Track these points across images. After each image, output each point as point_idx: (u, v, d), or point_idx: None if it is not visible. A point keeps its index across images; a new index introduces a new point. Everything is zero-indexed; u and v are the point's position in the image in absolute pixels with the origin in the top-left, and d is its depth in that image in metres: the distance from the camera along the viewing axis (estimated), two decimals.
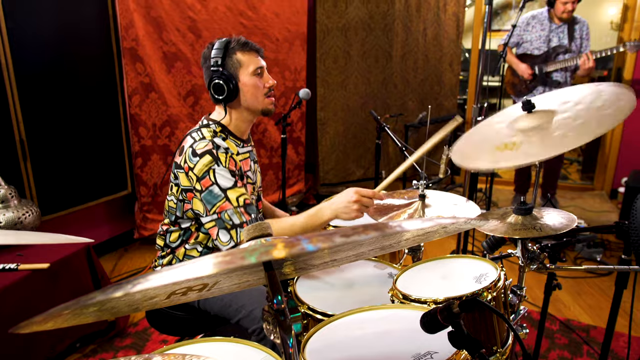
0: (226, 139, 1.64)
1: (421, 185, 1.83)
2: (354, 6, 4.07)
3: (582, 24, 3.67)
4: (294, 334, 0.70)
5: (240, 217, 1.53)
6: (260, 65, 1.63)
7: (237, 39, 1.62)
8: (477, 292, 1.25)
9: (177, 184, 1.61)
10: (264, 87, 1.65)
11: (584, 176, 5.15)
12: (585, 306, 2.87)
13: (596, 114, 1.26)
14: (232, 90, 1.59)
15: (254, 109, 1.66)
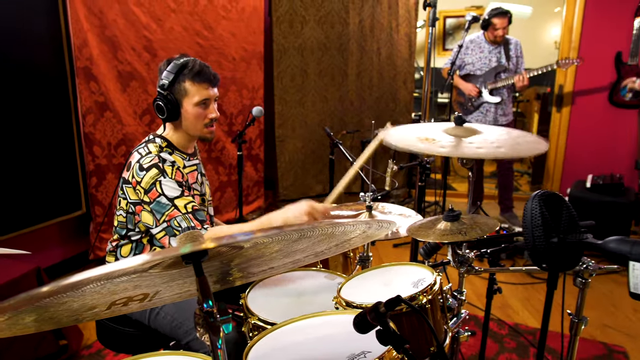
0: (172, 154, 1.68)
1: (368, 197, 1.91)
2: (310, 27, 4.19)
3: (515, 44, 3.94)
4: (222, 335, 0.75)
5: (189, 223, 1.56)
6: (206, 98, 1.67)
7: (192, 66, 1.66)
8: (413, 295, 1.33)
9: (125, 198, 1.64)
10: (205, 118, 1.69)
11: (534, 187, 5.41)
12: (533, 310, 3.01)
13: (512, 143, 1.36)
14: (172, 114, 1.64)
15: (192, 134, 1.72)
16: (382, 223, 0.88)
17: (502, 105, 4.01)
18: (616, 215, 3.64)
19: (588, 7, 4.46)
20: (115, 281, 0.78)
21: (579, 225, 0.76)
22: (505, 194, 4.29)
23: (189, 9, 3.51)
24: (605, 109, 4.56)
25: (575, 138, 4.75)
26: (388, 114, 4.73)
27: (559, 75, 4.66)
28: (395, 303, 0.94)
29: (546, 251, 0.73)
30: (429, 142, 1.38)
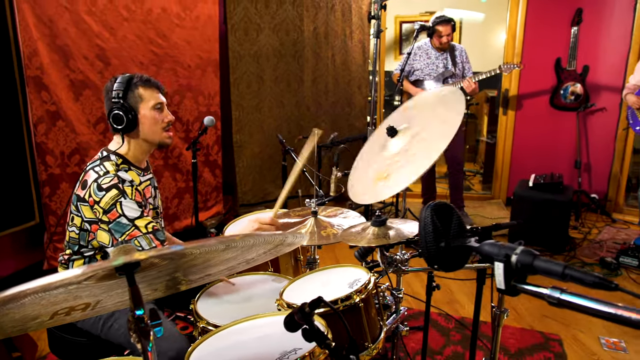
0: (129, 170, 1.72)
1: (313, 203, 2.02)
2: (265, 34, 4.27)
3: (460, 50, 4.14)
4: (152, 338, 0.83)
5: (149, 243, 1.60)
6: (160, 101, 1.75)
7: (140, 75, 1.74)
8: (348, 295, 1.44)
9: (79, 215, 1.65)
10: (162, 122, 1.76)
11: (485, 186, 5.66)
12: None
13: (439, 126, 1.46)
14: (131, 122, 1.68)
15: (151, 141, 1.77)
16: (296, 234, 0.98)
17: None
18: (556, 212, 3.87)
19: (529, 16, 4.73)
20: (52, 293, 0.85)
21: (465, 231, 0.88)
22: (456, 194, 4.48)
23: (142, 18, 3.52)
24: (547, 111, 4.84)
25: (520, 139, 5.01)
26: (344, 118, 4.86)
27: (504, 79, 4.91)
28: (317, 303, 1.04)
29: (436, 254, 0.84)
30: (384, 179, 1.46)
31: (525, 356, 2.64)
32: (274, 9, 4.29)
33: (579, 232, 4.32)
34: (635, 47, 4.44)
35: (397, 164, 1.40)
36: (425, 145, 1.39)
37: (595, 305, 0.64)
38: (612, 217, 4.63)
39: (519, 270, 0.73)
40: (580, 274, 0.67)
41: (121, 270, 0.85)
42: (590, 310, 0.64)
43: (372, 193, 1.38)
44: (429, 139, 1.40)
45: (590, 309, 0.64)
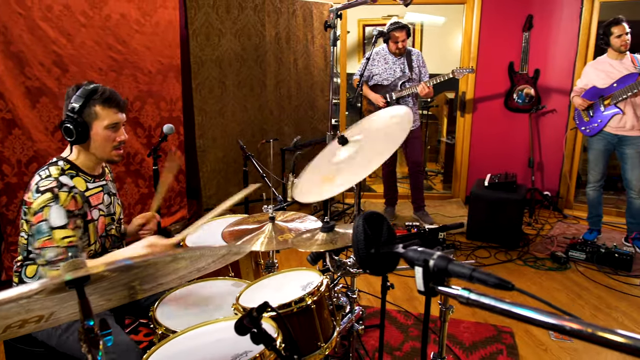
0: (76, 176, 1.74)
1: (270, 209, 2.08)
2: (227, 39, 4.30)
3: (417, 55, 4.28)
4: (102, 348, 0.88)
5: (56, 256, 1.60)
6: (116, 122, 1.77)
7: (102, 91, 1.74)
8: (301, 297, 1.51)
9: (26, 220, 1.67)
10: (114, 141, 1.79)
11: (445, 186, 5.84)
12: (436, 301, 3.31)
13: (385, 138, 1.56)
14: (81, 136, 1.71)
15: (99, 157, 1.80)
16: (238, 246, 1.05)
17: None
18: (510, 210, 4.06)
19: (483, 21, 4.92)
20: (3, 308, 0.88)
21: (395, 238, 0.96)
22: (416, 194, 4.62)
23: (100, 24, 3.50)
24: (502, 113, 5.05)
25: (478, 140, 5.20)
26: (307, 121, 4.93)
27: (461, 82, 5.09)
28: (264, 308, 1.10)
29: (367, 259, 0.92)
30: (330, 181, 1.54)
31: (479, 349, 2.77)
32: (236, 14, 4.33)
33: (532, 228, 4.53)
34: (582, 51, 4.68)
35: (342, 170, 1.49)
36: (367, 157, 1.48)
37: (496, 303, 0.73)
38: (563, 214, 4.87)
39: (436, 274, 0.82)
40: (485, 276, 0.76)
41: (71, 284, 0.89)
42: (492, 308, 0.73)
43: (316, 193, 1.46)
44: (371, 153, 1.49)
45: (493, 307, 0.73)
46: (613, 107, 3.72)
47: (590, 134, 3.92)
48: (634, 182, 3.79)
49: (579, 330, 0.62)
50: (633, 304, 3.24)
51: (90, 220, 1.77)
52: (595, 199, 4.10)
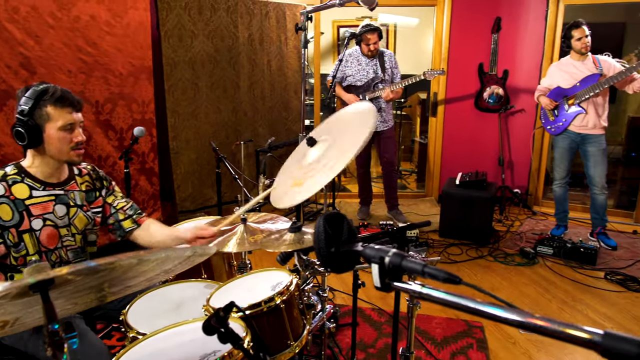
0: (20, 182, 1.70)
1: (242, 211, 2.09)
2: (199, 41, 4.29)
3: (389, 56, 4.35)
4: (67, 350, 0.89)
5: None
6: (71, 122, 1.70)
7: (54, 91, 1.68)
8: (271, 296, 1.54)
9: None
10: (71, 142, 1.72)
11: (419, 185, 5.93)
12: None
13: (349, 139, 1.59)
14: (33, 140, 1.65)
15: (57, 159, 1.74)
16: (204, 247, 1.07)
17: (382, 113, 4.40)
18: (480, 208, 4.16)
19: (454, 23, 5.02)
20: None
21: (355, 237, 1.00)
22: (390, 193, 4.69)
23: (69, 25, 3.45)
24: (473, 113, 5.16)
25: (449, 139, 5.31)
26: (281, 122, 4.95)
27: (433, 83, 5.18)
28: (230, 308, 1.13)
29: (327, 258, 0.95)
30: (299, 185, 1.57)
31: (450, 343, 2.84)
32: (208, 15, 4.32)
33: (503, 225, 4.65)
34: (548, 53, 4.82)
35: (311, 173, 1.52)
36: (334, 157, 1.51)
37: (445, 296, 0.77)
38: (532, 210, 5.01)
39: (391, 270, 0.85)
40: (435, 271, 0.80)
41: (35, 288, 0.90)
42: (442, 301, 0.77)
43: (289, 197, 1.49)
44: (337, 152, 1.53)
45: (442, 300, 0.77)
46: (576, 106, 3.85)
47: (555, 133, 4.05)
48: (597, 178, 3.93)
49: (517, 320, 0.66)
50: (597, 296, 3.37)
51: (27, 230, 1.70)
52: (561, 196, 4.23)
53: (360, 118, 1.64)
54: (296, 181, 1.53)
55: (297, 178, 1.55)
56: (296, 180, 1.53)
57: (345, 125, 1.68)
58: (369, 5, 2.19)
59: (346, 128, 1.66)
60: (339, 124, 1.79)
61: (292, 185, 1.52)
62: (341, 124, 1.76)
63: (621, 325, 3.00)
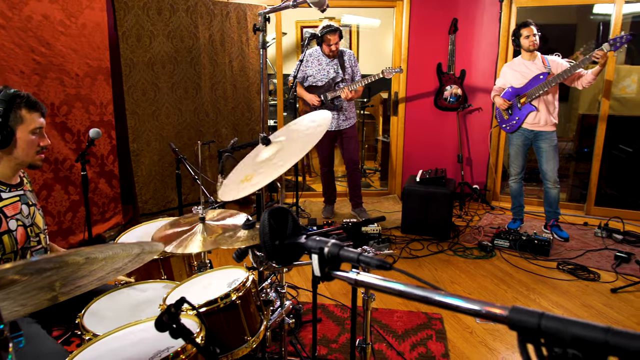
0: None
1: (200, 209, 2.10)
2: (159, 41, 4.25)
3: (349, 55, 4.42)
4: (12, 351, 0.89)
5: None
6: (40, 126, 1.77)
7: (27, 96, 1.74)
8: (227, 293, 1.56)
9: None
10: (37, 146, 1.79)
11: (383, 183, 6.04)
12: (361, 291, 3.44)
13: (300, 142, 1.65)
14: (4, 142, 1.69)
15: (22, 162, 1.79)
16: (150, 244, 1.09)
17: (344, 112, 4.46)
18: (440, 204, 4.28)
19: (412, 24, 5.14)
20: None
21: (300, 230, 1.04)
22: (354, 191, 4.76)
23: (20, 25, 3.37)
24: (432, 112, 5.30)
25: (410, 138, 5.43)
26: (244, 123, 4.96)
27: (393, 82, 5.29)
28: (181, 304, 1.15)
29: (272, 251, 0.99)
30: (247, 181, 1.60)
31: (410, 336, 2.92)
32: (167, 15, 4.28)
33: (462, 220, 4.79)
34: (502, 53, 5.00)
35: (261, 170, 1.55)
36: (284, 157, 1.55)
37: (376, 281, 0.82)
38: (491, 205, 5.18)
39: (330, 260, 0.90)
40: (369, 259, 0.85)
41: None
42: (374, 286, 0.82)
43: (235, 191, 1.52)
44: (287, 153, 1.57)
45: (374, 285, 0.82)
46: (528, 105, 4.01)
47: (510, 131, 4.21)
48: (549, 173, 4.11)
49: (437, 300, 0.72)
50: (550, 285, 3.53)
51: (6, 231, 1.73)
52: (517, 191, 4.40)
53: (314, 128, 1.69)
54: (246, 176, 1.56)
55: (247, 174, 1.58)
56: (246, 175, 1.57)
57: (300, 132, 1.73)
58: (319, 7, 2.23)
59: (299, 134, 1.70)
60: (296, 129, 1.83)
61: (242, 180, 1.55)
62: (297, 129, 1.81)
63: (571, 312, 3.16)
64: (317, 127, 1.73)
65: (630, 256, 3.87)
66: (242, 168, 1.75)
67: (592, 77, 3.81)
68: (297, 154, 1.50)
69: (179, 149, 4.04)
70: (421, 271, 3.76)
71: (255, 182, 1.48)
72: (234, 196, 1.49)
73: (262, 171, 1.53)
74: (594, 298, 3.34)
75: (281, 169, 1.44)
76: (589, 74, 3.82)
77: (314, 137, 1.57)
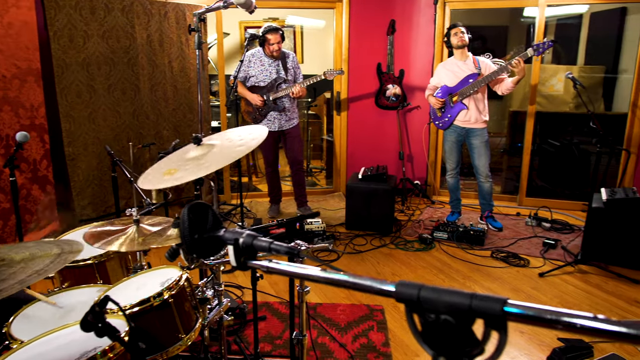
0: None
1: (134, 211, 2.09)
2: (93, 41, 4.13)
3: (292, 57, 4.48)
4: None
5: None
6: None
7: None
8: (159, 292, 1.57)
9: None
10: None
11: (328, 181, 6.14)
12: (316, 288, 3.51)
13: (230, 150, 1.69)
14: None
15: None
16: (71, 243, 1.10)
17: (287, 112, 4.51)
18: (382, 199, 4.41)
19: (352, 26, 5.26)
20: None
21: (220, 224, 1.07)
22: (299, 190, 4.82)
23: None
24: (374, 111, 5.44)
25: (354, 136, 5.56)
26: (186, 124, 4.90)
27: (335, 83, 5.39)
28: (105, 302, 1.16)
29: (192, 244, 1.02)
30: (171, 174, 1.61)
31: (353, 328, 3.01)
32: (102, 15, 4.17)
33: (405, 215, 4.96)
34: (438, 53, 5.21)
35: (187, 166, 1.58)
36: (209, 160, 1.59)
37: (286, 268, 0.87)
38: (431, 200, 5.39)
39: (245, 250, 0.94)
40: (279, 247, 0.90)
41: None
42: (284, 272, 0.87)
43: (155, 181, 1.53)
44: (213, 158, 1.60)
45: (284, 271, 0.87)
46: (460, 103, 4.22)
47: (443, 128, 4.40)
48: (481, 168, 4.33)
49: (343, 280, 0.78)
50: (484, 273, 3.73)
51: None
52: (454, 185, 4.61)
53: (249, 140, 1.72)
54: (170, 170, 1.58)
55: (171, 167, 1.60)
56: (170, 169, 1.59)
57: (233, 141, 1.76)
58: (246, 9, 2.27)
59: (231, 143, 1.73)
60: (231, 137, 1.86)
61: (164, 172, 1.57)
62: (232, 137, 1.84)
63: None
64: (252, 140, 1.77)
65: (557, 242, 4.15)
66: (169, 162, 1.76)
67: (512, 85, 4.03)
68: (223, 161, 1.54)
69: (117, 152, 3.96)
70: (364, 265, 3.87)
71: (178, 176, 1.50)
72: (153, 185, 1.50)
73: (188, 168, 1.55)
74: (524, 282, 3.56)
75: (205, 170, 1.47)
76: (509, 82, 4.05)
77: (245, 149, 1.62)
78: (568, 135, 5.67)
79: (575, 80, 3.95)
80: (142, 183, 1.55)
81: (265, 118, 4.46)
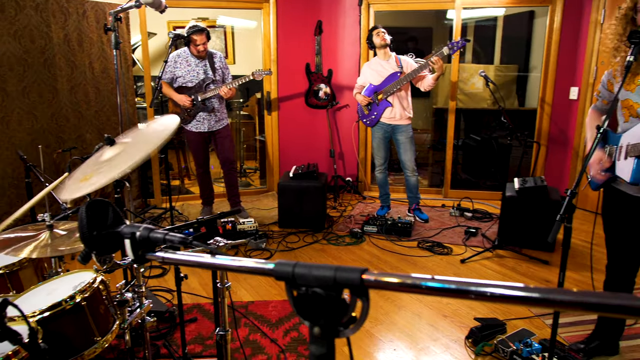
0: None
1: (47, 217, 2.03)
2: (3, 41, 3.90)
3: (219, 57, 4.46)
4: None
5: None
6: None
7: None
8: (71, 295, 1.54)
9: None
10: None
11: (262, 181, 6.15)
12: (248, 287, 3.54)
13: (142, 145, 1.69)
14: None
15: None
16: None
17: (216, 112, 4.48)
18: (313, 196, 4.50)
19: (280, 26, 5.31)
20: None
21: (121, 221, 1.09)
22: (232, 191, 4.80)
23: None
24: (304, 110, 5.53)
25: (285, 136, 5.62)
26: (111, 127, 4.74)
27: (265, 83, 5.42)
28: (4, 306, 1.13)
29: (90, 241, 1.03)
30: (86, 180, 1.58)
31: (284, 323, 3.06)
32: (12, 14, 3.95)
33: (337, 211, 5.08)
34: (364, 53, 5.38)
35: (102, 169, 1.56)
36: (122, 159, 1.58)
37: (182, 257, 0.90)
38: (363, 195, 5.55)
39: (142, 243, 0.97)
40: (173, 237, 0.93)
41: None
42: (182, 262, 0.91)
43: (74, 190, 1.51)
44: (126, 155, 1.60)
45: (179, 260, 0.91)
46: (385, 101, 4.39)
47: (370, 125, 4.57)
48: (407, 163, 4.53)
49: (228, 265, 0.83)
50: (411, 263, 3.91)
51: None
52: (382, 180, 4.79)
53: (160, 132, 1.72)
54: (85, 176, 1.55)
55: (87, 173, 1.58)
56: (86, 175, 1.56)
57: (145, 135, 1.76)
58: (156, 8, 2.26)
59: (144, 137, 1.73)
60: (143, 132, 1.85)
61: (81, 180, 1.55)
62: (144, 132, 1.83)
63: None
64: (163, 130, 1.76)
65: (477, 230, 4.43)
66: (85, 167, 1.73)
67: (432, 82, 4.27)
68: (135, 157, 1.53)
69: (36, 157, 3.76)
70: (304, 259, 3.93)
71: (93, 181, 1.48)
72: (72, 195, 1.48)
73: (102, 171, 1.53)
74: (447, 269, 3.77)
75: (117, 169, 1.47)
76: (430, 78, 4.28)
77: (156, 141, 1.61)
78: (489, 130, 6.05)
79: (487, 78, 4.23)
80: (64, 194, 1.52)
81: (194, 119, 4.42)
